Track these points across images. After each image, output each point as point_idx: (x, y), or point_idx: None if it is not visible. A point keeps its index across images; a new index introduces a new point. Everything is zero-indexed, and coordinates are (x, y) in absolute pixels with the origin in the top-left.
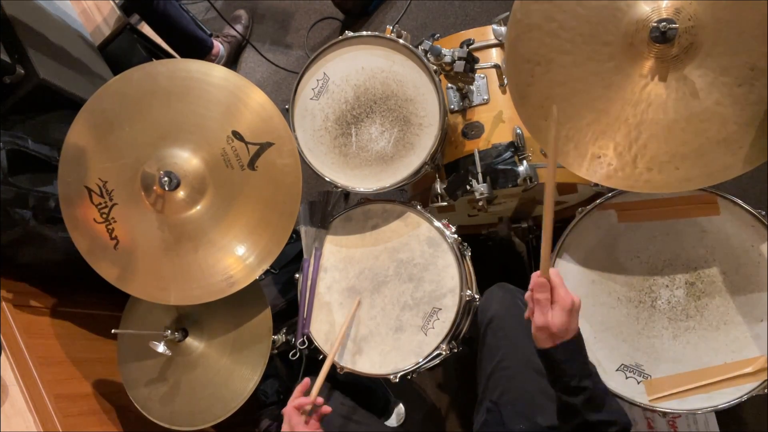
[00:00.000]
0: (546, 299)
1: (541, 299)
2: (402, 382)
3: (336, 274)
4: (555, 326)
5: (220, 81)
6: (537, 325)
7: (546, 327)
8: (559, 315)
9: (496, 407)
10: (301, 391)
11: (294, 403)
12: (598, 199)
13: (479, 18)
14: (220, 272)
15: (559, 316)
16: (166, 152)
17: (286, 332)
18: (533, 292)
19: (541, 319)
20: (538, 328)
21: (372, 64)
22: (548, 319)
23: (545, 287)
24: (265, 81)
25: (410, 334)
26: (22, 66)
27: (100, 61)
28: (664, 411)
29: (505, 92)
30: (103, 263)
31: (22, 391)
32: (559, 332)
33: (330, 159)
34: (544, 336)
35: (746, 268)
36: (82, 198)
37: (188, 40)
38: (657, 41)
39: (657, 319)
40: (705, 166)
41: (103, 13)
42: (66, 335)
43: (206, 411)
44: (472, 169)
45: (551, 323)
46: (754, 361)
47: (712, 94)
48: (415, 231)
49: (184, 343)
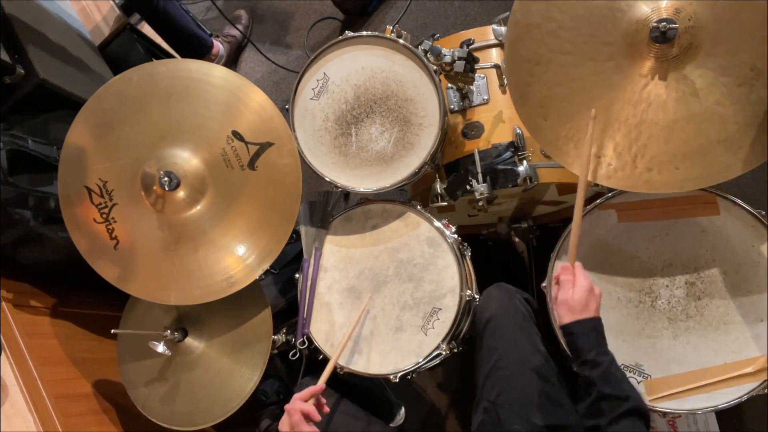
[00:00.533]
0: (568, 281)
1: (564, 280)
2: (402, 382)
3: (336, 274)
4: (574, 300)
5: (220, 81)
6: (559, 300)
7: (566, 301)
8: (580, 291)
9: (494, 407)
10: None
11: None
12: (598, 199)
13: (479, 18)
14: (220, 272)
15: (579, 293)
16: (166, 152)
17: (286, 332)
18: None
19: (563, 295)
20: (559, 303)
21: (372, 64)
22: (568, 294)
23: (569, 270)
24: (265, 81)
25: (410, 334)
26: (22, 66)
27: (100, 61)
28: (664, 411)
29: (505, 92)
30: (103, 263)
31: (22, 391)
32: (578, 307)
33: (330, 159)
34: (565, 311)
35: (746, 268)
36: (82, 198)
37: (188, 39)
38: (657, 41)
39: (657, 319)
40: (705, 166)
41: (102, 12)
42: (66, 335)
43: (206, 411)
44: (472, 169)
45: (571, 298)
46: (754, 361)
47: (712, 94)
48: (415, 231)
49: (184, 343)
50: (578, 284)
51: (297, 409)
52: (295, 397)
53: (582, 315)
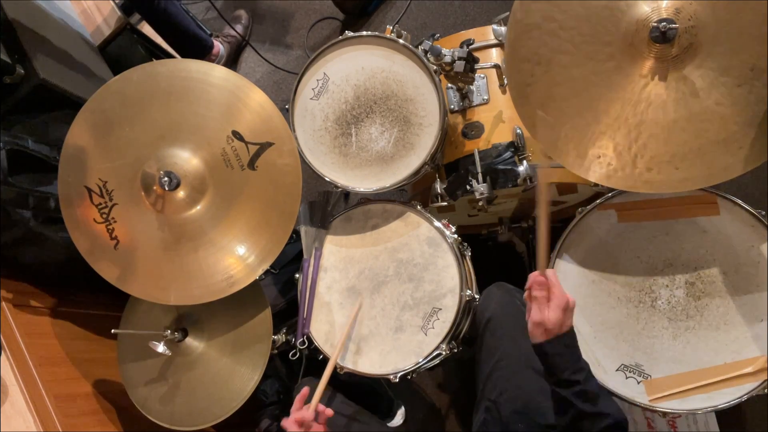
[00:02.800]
0: (543, 297)
1: (539, 297)
2: (402, 382)
3: (336, 274)
4: (550, 322)
5: (220, 81)
6: (533, 320)
7: (542, 323)
8: (555, 312)
9: (495, 406)
10: (301, 401)
11: (296, 416)
12: (598, 199)
13: (479, 18)
14: (220, 272)
15: (555, 313)
16: (166, 152)
17: (286, 332)
18: (531, 290)
19: (538, 315)
20: (534, 323)
21: (372, 64)
22: (544, 316)
23: (543, 285)
24: (265, 81)
25: (410, 334)
26: (23, 66)
27: (100, 61)
28: (664, 411)
29: (505, 92)
30: (103, 263)
31: (22, 391)
32: (554, 328)
33: (330, 159)
34: (539, 332)
35: (746, 268)
36: (82, 198)
37: (188, 39)
38: (657, 41)
39: (657, 319)
40: (705, 166)
41: (103, 13)
42: (66, 335)
43: (206, 411)
44: (472, 169)
45: (546, 319)
46: (754, 361)
47: (712, 94)
48: (415, 231)
49: (184, 343)
50: (553, 303)
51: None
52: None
53: (555, 333)
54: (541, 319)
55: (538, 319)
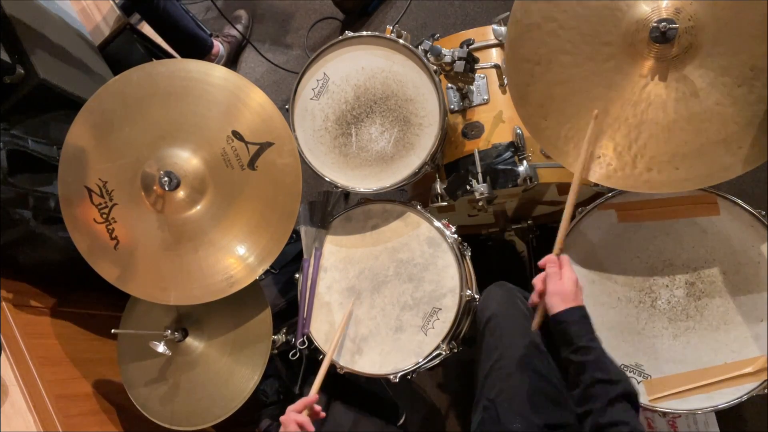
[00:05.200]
0: (555, 272)
1: (552, 272)
2: (402, 382)
3: (336, 274)
4: (567, 289)
5: (220, 81)
6: (551, 291)
7: (559, 292)
8: (569, 283)
9: (493, 405)
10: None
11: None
12: (598, 199)
13: (479, 18)
14: (220, 272)
15: (568, 284)
16: (166, 152)
17: (286, 332)
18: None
19: (554, 286)
20: (551, 294)
21: (372, 64)
22: (561, 285)
23: (555, 262)
24: (265, 81)
25: (410, 334)
26: (22, 66)
27: (100, 61)
28: (664, 411)
29: (505, 92)
30: (103, 263)
31: (22, 391)
32: (569, 296)
33: (330, 159)
34: (558, 300)
35: (746, 268)
36: (82, 198)
37: (188, 39)
38: (657, 41)
39: (657, 319)
40: (705, 166)
41: (102, 12)
42: (66, 335)
43: (206, 411)
44: (472, 169)
45: (563, 287)
46: (754, 361)
47: (712, 94)
48: (415, 231)
49: (184, 343)
50: (565, 276)
51: (292, 420)
52: (290, 408)
53: (572, 304)
54: (558, 289)
55: (556, 289)
